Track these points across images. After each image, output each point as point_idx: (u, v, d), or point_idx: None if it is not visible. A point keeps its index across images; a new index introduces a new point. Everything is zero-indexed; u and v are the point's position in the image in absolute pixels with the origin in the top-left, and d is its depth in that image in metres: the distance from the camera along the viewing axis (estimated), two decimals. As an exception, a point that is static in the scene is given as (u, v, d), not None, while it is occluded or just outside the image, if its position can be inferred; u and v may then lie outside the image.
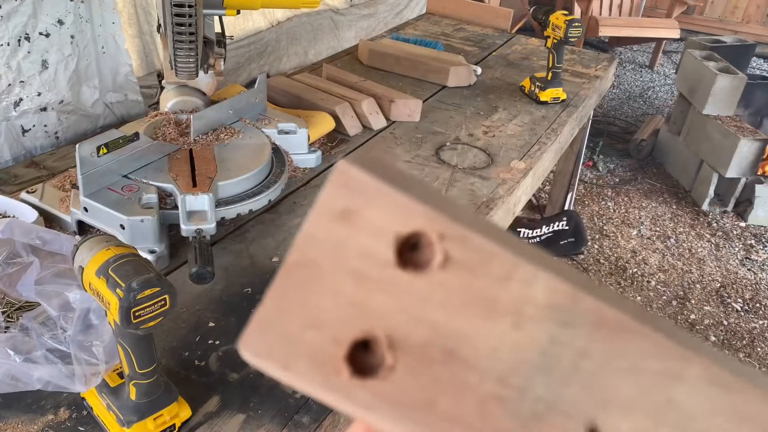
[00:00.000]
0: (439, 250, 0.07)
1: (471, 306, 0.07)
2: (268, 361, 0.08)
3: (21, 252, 0.38)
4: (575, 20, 0.77)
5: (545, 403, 0.08)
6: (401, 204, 0.07)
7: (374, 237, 0.07)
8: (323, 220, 0.07)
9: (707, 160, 1.41)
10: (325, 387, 0.07)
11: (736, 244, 1.32)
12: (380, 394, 0.07)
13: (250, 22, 0.86)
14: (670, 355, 0.07)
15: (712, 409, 0.07)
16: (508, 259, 0.07)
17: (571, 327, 0.07)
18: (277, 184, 0.53)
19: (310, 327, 0.07)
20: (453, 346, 0.07)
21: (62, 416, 0.35)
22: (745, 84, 1.37)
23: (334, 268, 0.07)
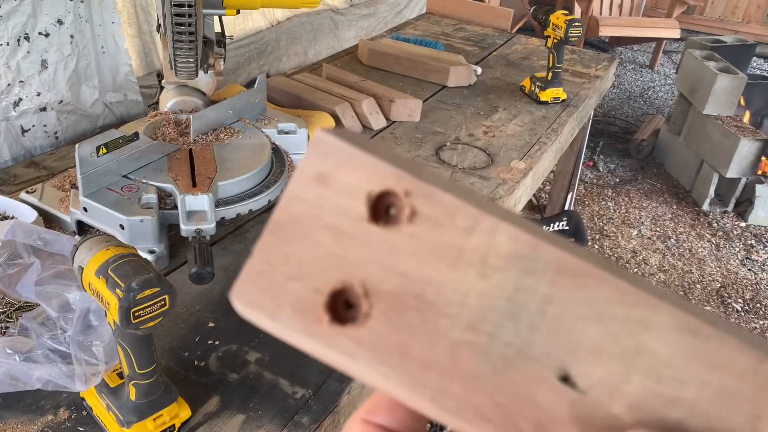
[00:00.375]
0: (406, 205, 0.08)
1: (439, 256, 0.08)
2: (257, 310, 0.08)
3: (22, 253, 0.38)
4: (575, 20, 0.77)
5: (515, 349, 0.08)
6: (371, 165, 0.08)
7: (348, 196, 0.08)
8: (303, 182, 0.08)
9: (707, 160, 1.41)
10: (307, 334, 0.08)
11: (737, 245, 1.32)
12: (358, 339, 0.08)
13: (250, 22, 0.86)
14: (636, 302, 0.08)
15: (685, 356, 0.08)
16: (471, 212, 0.08)
17: (534, 274, 0.08)
18: (277, 184, 0.53)
19: (294, 278, 0.08)
20: (423, 293, 0.08)
21: (62, 416, 0.35)
22: (745, 84, 1.37)
23: (313, 224, 0.08)
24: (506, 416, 0.08)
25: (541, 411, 0.08)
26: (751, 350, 0.08)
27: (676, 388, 0.08)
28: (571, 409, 0.08)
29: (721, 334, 0.08)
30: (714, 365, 0.08)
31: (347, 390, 0.38)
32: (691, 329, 0.08)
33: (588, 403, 0.08)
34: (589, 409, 0.08)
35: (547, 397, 0.08)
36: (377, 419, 0.10)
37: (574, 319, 0.08)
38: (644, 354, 0.08)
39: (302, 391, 0.37)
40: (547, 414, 0.08)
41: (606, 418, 0.08)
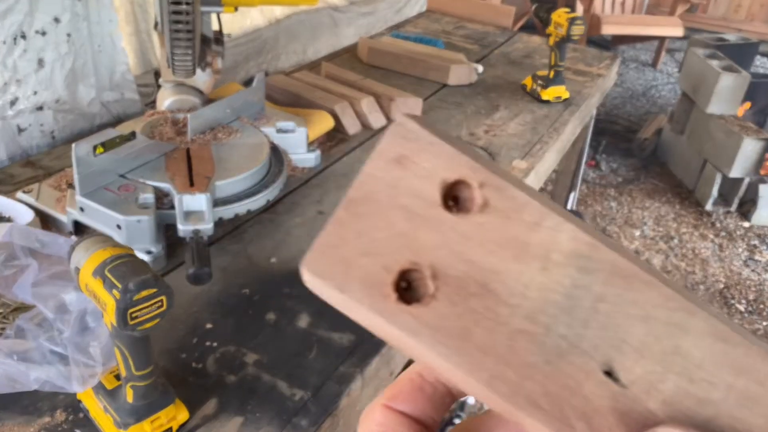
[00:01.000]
0: (479, 196, 0.09)
1: (504, 247, 0.08)
2: (326, 281, 0.09)
3: (19, 255, 0.38)
4: (578, 18, 0.76)
5: (568, 341, 0.08)
6: (449, 154, 0.09)
7: (424, 180, 0.09)
8: (381, 163, 0.09)
9: (711, 159, 1.40)
10: (373, 309, 0.08)
11: (740, 245, 1.31)
12: (421, 319, 0.08)
13: (249, 20, 0.86)
14: (677, 307, 0.08)
15: (715, 361, 0.08)
16: (538, 208, 0.09)
17: (590, 273, 0.08)
18: (276, 183, 0.53)
19: (365, 254, 0.09)
20: (487, 281, 0.08)
21: (59, 418, 0.34)
22: (748, 83, 1.35)
23: (388, 204, 0.09)
24: (554, 404, 0.08)
25: (586, 402, 0.08)
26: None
27: (705, 389, 0.08)
28: (612, 402, 0.08)
29: (748, 343, 0.08)
30: (740, 370, 0.08)
31: (346, 392, 0.37)
32: (723, 336, 0.08)
33: (628, 397, 0.08)
34: (629, 402, 0.08)
35: (592, 389, 0.08)
36: (399, 406, 0.10)
37: (622, 318, 0.08)
38: (680, 355, 0.08)
39: (301, 393, 0.36)
40: (591, 405, 0.08)
41: (642, 413, 0.08)
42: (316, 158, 0.60)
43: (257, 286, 0.44)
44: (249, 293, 0.44)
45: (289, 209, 0.54)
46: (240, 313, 0.42)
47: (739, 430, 0.08)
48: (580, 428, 0.08)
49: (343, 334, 0.41)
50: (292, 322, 0.42)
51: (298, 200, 0.56)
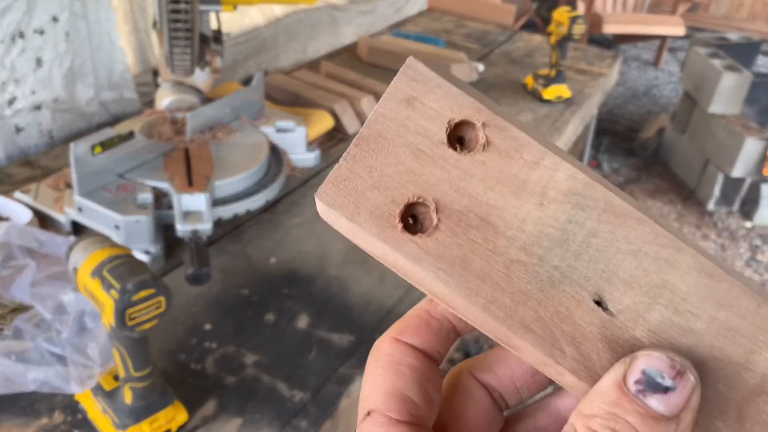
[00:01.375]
0: (482, 135, 0.09)
1: (504, 184, 0.09)
2: (338, 210, 0.09)
3: (17, 254, 0.38)
4: (579, 16, 0.76)
5: (560, 272, 0.09)
6: (455, 95, 0.09)
7: (431, 120, 0.09)
8: (391, 103, 0.09)
9: (712, 159, 1.40)
10: (381, 238, 0.09)
11: (742, 245, 1.31)
12: (425, 247, 0.09)
13: (248, 19, 0.85)
14: (666, 243, 0.09)
15: (700, 294, 0.09)
16: (538, 148, 0.09)
17: (585, 210, 0.09)
18: (275, 183, 0.52)
19: (374, 188, 0.09)
20: (487, 215, 0.09)
21: (57, 419, 0.34)
22: (750, 82, 1.35)
23: (397, 141, 0.09)
24: (546, 329, 0.09)
25: (576, 328, 0.09)
26: (753, 295, 0.09)
27: (689, 320, 0.09)
28: (600, 329, 0.09)
29: (731, 278, 0.09)
30: (722, 304, 0.09)
31: (346, 393, 0.37)
32: (708, 271, 0.09)
33: (615, 325, 0.09)
34: (616, 330, 0.09)
35: (582, 316, 0.09)
36: (406, 339, 0.11)
37: (613, 252, 0.09)
38: (667, 288, 0.09)
39: (300, 394, 0.36)
40: (580, 331, 0.09)
41: (628, 340, 0.09)
42: (315, 158, 0.60)
43: (257, 286, 0.44)
44: (248, 294, 0.44)
45: (288, 209, 0.54)
46: (239, 313, 0.42)
47: (718, 357, 0.09)
48: (569, 352, 0.09)
49: (342, 335, 0.40)
50: (291, 322, 0.41)
51: (297, 200, 0.55)
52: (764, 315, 0.09)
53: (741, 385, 0.09)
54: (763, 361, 0.09)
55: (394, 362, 0.10)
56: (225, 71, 0.76)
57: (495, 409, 0.12)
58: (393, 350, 0.11)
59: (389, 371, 0.10)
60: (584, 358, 0.09)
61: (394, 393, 0.10)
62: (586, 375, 0.09)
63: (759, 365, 0.09)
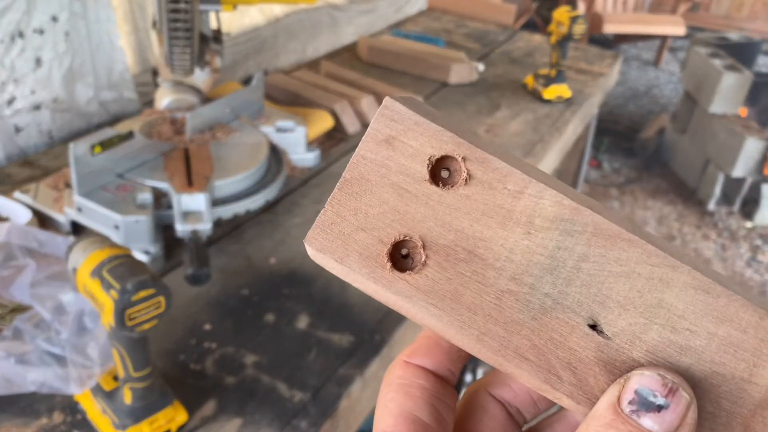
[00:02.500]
0: (463, 169, 0.09)
1: (490, 216, 0.09)
2: (327, 255, 0.09)
3: (17, 255, 0.37)
4: (579, 16, 0.76)
5: (552, 299, 0.09)
6: (433, 132, 0.09)
7: (412, 158, 0.09)
8: (371, 145, 0.09)
9: (713, 159, 1.40)
10: (371, 278, 0.09)
11: (743, 245, 1.30)
12: (415, 284, 0.09)
13: (247, 18, 0.85)
14: (659, 262, 0.09)
15: (698, 311, 0.09)
16: (521, 177, 0.09)
17: (573, 235, 0.09)
18: (275, 183, 0.52)
19: (361, 229, 0.09)
20: (474, 247, 0.09)
21: (56, 420, 0.34)
22: (751, 82, 1.34)
23: (380, 182, 0.09)
24: (541, 356, 0.09)
25: (572, 353, 0.09)
26: (754, 308, 0.09)
27: (687, 338, 0.09)
28: (596, 353, 0.09)
29: (730, 293, 0.09)
30: (722, 319, 0.09)
31: (346, 394, 0.37)
32: (705, 287, 0.09)
33: (612, 348, 0.09)
34: (613, 353, 0.09)
35: (577, 341, 0.09)
36: (417, 361, 0.11)
37: (605, 276, 0.09)
38: (663, 307, 0.09)
39: (300, 394, 0.36)
40: (576, 356, 0.09)
41: (626, 361, 0.09)
42: (315, 158, 0.60)
43: (256, 286, 0.44)
44: (248, 294, 0.44)
45: (288, 209, 0.54)
46: (239, 314, 0.42)
47: (721, 373, 0.09)
48: (566, 377, 0.09)
49: (342, 336, 0.40)
50: (291, 322, 0.41)
51: (297, 200, 0.55)
52: (767, 327, 0.09)
53: (746, 399, 0.09)
54: (767, 374, 0.09)
55: (405, 385, 0.10)
56: (225, 71, 0.76)
57: (512, 424, 0.12)
58: (404, 373, 0.11)
59: (400, 394, 0.10)
60: (581, 383, 0.09)
61: (405, 415, 0.10)
62: (585, 399, 0.09)
63: (764, 378, 0.09)
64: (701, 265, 0.09)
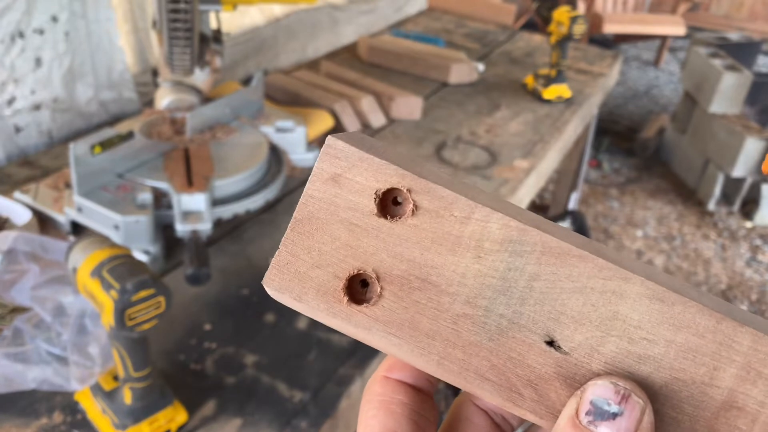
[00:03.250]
0: (409, 201, 0.09)
1: (440, 243, 0.09)
2: (286, 294, 0.10)
3: (20, 259, 0.37)
4: (579, 16, 0.76)
5: (507, 319, 0.09)
6: (377, 166, 0.09)
7: (359, 193, 0.09)
8: (318, 184, 0.10)
9: (713, 159, 1.40)
10: (330, 313, 0.09)
11: (743, 245, 1.30)
12: (373, 316, 0.10)
13: (248, 18, 0.85)
14: (611, 276, 0.09)
15: (654, 320, 0.09)
16: (466, 203, 0.09)
17: (522, 256, 0.09)
18: (275, 183, 0.52)
19: (316, 267, 0.10)
20: (427, 275, 0.09)
21: (56, 420, 0.34)
22: (751, 82, 1.34)
23: (330, 219, 0.10)
24: (501, 375, 0.09)
25: (531, 370, 0.09)
26: (710, 312, 0.09)
27: (645, 347, 0.09)
28: (555, 368, 0.09)
29: (685, 300, 0.09)
30: (679, 326, 0.09)
31: (346, 394, 0.37)
32: (659, 296, 0.09)
33: (570, 363, 0.09)
34: (572, 367, 0.09)
35: (535, 358, 0.09)
36: (395, 375, 0.11)
37: (557, 292, 0.09)
38: (619, 319, 0.09)
39: (300, 394, 0.36)
40: (536, 372, 0.09)
41: (585, 375, 0.09)
42: (315, 158, 0.60)
43: (256, 286, 0.44)
44: (248, 294, 0.44)
45: (288, 209, 0.54)
46: (239, 314, 0.42)
47: (681, 379, 0.09)
48: (527, 394, 0.09)
49: (342, 336, 0.40)
50: (291, 323, 0.41)
51: (297, 200, 0.55)
52: (725, 331, 0.09)
53: (708, 402, 0.09)
54: (728, 377, 0.09)
55: (385, 401, 0.11)
56: (225, 71, 0.76)
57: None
58: (383, 389, 0.11)
59: (381, 411, 0.10)
60: (543, 398, 0.09)
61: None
62: (548, 414, 0.09)
63: (725, 381, 0.09)
64: (656, 273, 0.09)
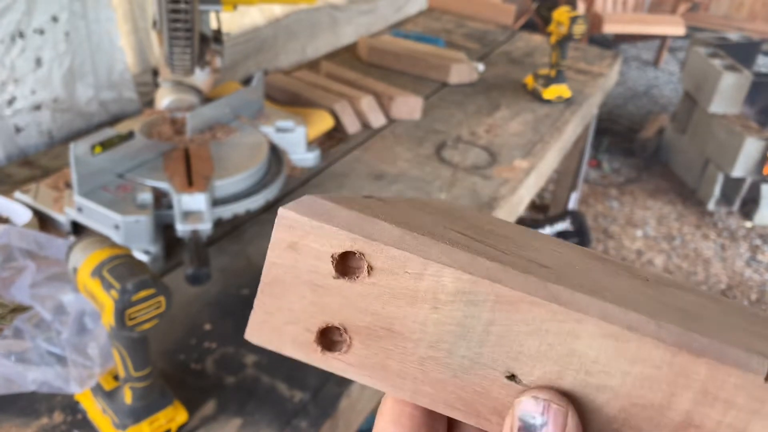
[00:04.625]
0: (364, 262, 0.10)
1: (398, 297, 0.10)
2: (267, 345, 0.11)
3: (17, 256, 0.37)
4: (579, 16, 0.76)
5: (469, 359, 0.10)
6: (328, 233, 0.10)
7: (317, 258, 0.10)
8: (278, 252, 0.11)
9: (713, 159, 1.40)
10: (308, 360, 0.11)
11: (742, 245, 1.31)
12: (346, 361, 0.11)
13: (248, 18, 0.85)
14: (564, 318, 0.10)
15: (610, 355, 0.10)
16: (419, 261, 0.10)
17: (477, 305, 0.10)
18: (275, 183, 0.52)
19: (289, 323, 0.11)
20: (391, 325, 0.10)
21: (56, 420, 0.34)
22: (750, 82, 1.35)
23: (294, 282, 0.11)
24: (469, 406, 0.10)
25: (496, 400, 0.10)
26: (665, 347, 0.09)
27: (603, 379, 0.10)
28: (518, 397, 0.10)
29: (640, 336, 0.10)
30: (634, 360, 0.10)
31: (346, 394, 0.37)
32: (613, 335, 0.10)
33: None
34: None
35: (498, 390, 0.10)
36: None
37: (514, 335, 0.10)
38: (575, 356, 0.10)
39: (300, 394, 0.36)
40: (500, 402, 0.10)
41: None
42: (315, 158, 0.60)
43: (257, 286, 0.44)
44: (248, 294, 0.44)
45: (288, 209, 0.54)
46: (239, 313, 0.42)
47: (639, 404, 0.10)
48: (495, 420, 0.10)
49: (342, 335, 0.40)
50: (291, 322, 0.41)
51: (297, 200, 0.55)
52: (681, 363, 0.09)
53: (666, 423, 0.10)
54: (685, 401, 0.09)
55: (395, 414, 0.11)
56: (225, 71, 0.76)
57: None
58: (393, 403, 0.11)
59: (392, 426, 0.11)
60: None
61: None
62: None
63: (682, 404, 0.09)
64: (612, 312, 0.10)
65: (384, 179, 0.60)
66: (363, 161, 0.63)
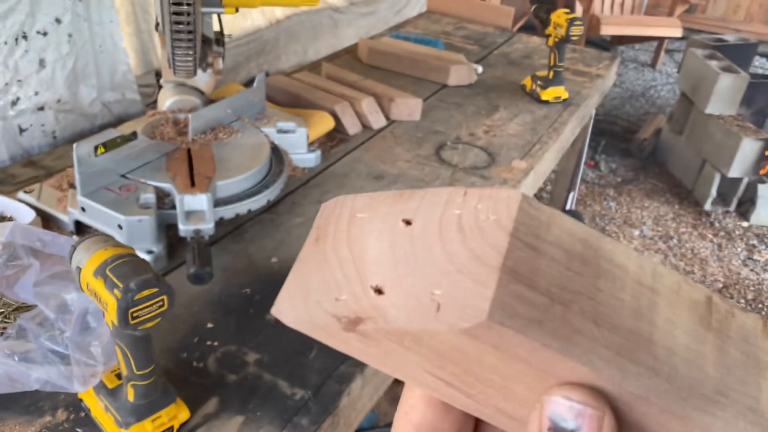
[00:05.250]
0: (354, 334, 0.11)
1: (390, 354, 0.12)
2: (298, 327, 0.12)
3: (21, 254, 0.38)
4: (577, 18, 0.76)
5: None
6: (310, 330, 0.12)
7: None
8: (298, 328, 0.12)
9: (709, 159, 1.41)
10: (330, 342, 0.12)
11: (739, 245, 1.31)
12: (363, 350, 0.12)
13: (249, 21, 0.86)
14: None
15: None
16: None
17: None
18: (276, 183, 0.53)
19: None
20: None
21: (60, 418, 0.34)
22: (747, 83, 1.36)
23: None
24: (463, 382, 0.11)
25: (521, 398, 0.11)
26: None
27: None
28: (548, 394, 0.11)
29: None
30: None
31: (347, 391, 0.37)
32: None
33: None
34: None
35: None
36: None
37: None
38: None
39: (302, 392, 0.37)
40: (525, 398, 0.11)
41: None
42: (316, 158, 0.61)
43: (258, 285, 0.45)
44: (250, 293, 0.44)
45: (289, 209, 0.54)
46: (241, 312, 0.42)
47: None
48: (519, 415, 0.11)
49: (343, 334, 0.41)
50: (292, 321, 0.42)
51: (298, 200, 0.56)
52: None
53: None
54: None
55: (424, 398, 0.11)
56: (227, 73, 0.76)
57: None
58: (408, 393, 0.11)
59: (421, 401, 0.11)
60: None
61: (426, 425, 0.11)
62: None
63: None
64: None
65: (384, 179, 0.60)
66: (363, 162, 0.63)
